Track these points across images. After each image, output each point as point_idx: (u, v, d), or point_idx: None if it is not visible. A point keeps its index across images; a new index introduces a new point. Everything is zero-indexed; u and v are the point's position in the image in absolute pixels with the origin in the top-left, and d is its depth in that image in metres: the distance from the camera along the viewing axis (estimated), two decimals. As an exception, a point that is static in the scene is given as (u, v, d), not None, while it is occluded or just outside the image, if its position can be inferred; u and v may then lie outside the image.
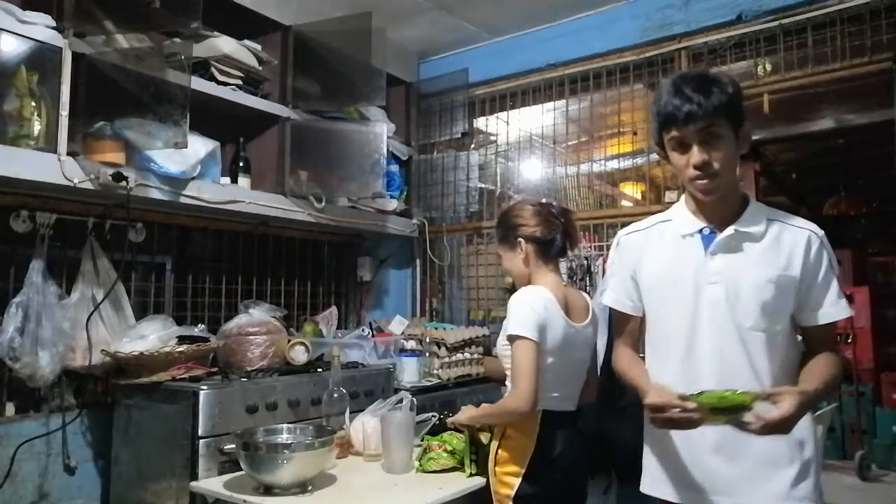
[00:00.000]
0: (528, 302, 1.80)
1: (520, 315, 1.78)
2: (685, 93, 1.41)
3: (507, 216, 2.02)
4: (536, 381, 1.74)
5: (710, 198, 1.47)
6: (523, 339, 1.75)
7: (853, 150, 6.04)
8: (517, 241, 1.94)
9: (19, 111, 1.98)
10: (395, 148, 3.44)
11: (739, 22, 2.80)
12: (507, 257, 2.00)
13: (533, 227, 1.93)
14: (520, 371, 1.75)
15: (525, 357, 1.75)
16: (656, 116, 1.49)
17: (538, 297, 1.82)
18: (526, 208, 1.97)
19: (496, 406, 1.89)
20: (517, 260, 1.95)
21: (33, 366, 2.07)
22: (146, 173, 2.22)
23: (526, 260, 1.94)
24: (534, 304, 1.79)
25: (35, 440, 2.18)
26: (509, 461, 1.81)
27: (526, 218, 1.95)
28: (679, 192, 2.91)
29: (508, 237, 1.98)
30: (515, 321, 1.78)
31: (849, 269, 6.51)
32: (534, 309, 1.78)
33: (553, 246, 1.93)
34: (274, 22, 2.83)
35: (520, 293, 1.85)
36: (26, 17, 1.97)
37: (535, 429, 1.80)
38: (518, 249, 1.94)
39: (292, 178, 2.82)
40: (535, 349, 1.75)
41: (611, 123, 3.28)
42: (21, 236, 2.19)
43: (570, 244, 1.98)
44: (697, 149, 1.42)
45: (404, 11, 3.18)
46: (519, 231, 1.94)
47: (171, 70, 2.17)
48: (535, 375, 1.74)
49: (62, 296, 2.22)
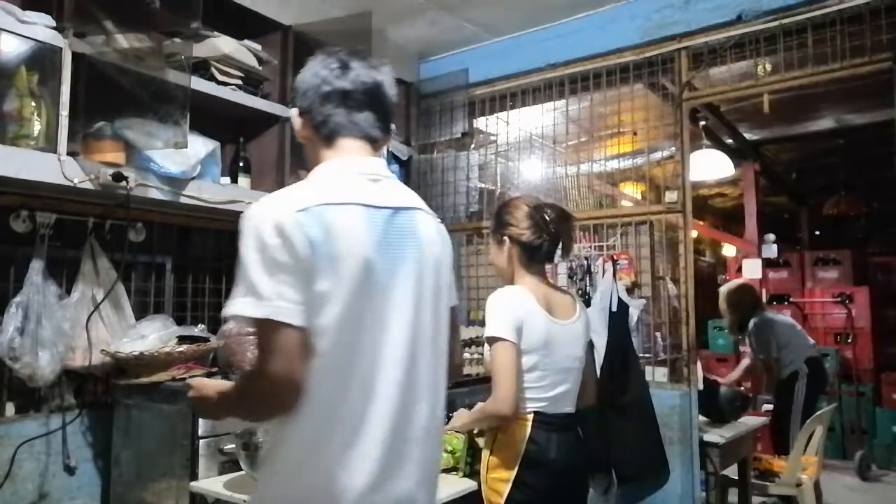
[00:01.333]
0: (503, 302, 1.78)
1: (495, 316, 1.76)
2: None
3: (501, 211, 2.00)
4: (515, 383, 1.72)
5: None
6: (499, 340, 1.74)
7: (853, 150, 6.04)
8: (503, 240, 1.93)
9: (19, 111, 1.98)
10: (395, 148, 3.44)
11: (739, 22, 2.79)
12: (494, 251, 1.99)
13: (521, 229, 1.90)
14: (497, 374, 1.73)
15: (502, 359, 1.73)
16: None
17: (513, 297, 1.80)
18: (521, 208, 1.94)
19: (480, 409, 1.87)
20: (501, 256, 1.94)
21: (33, 366, 2.07)
22: (146, 173, 2.22)
23: (509, 259, 1.92)
24: (509, 304, 1.77)
25: (35, 440, 2.18)
26: (499, 466, 1.78)
27: (517, 219, 1.92)
28: (679, 192, 2.91)
29: (497, 232, 1.97)
30: (491, 323, 1.76)
31: (849, 269, 6.52)
32: (509, 309, 1.76)
33: (539, 252, 1.90)
34: (274, 22, 2.82)
35: (495, 294, 1.83)
36: (26, 17, 1.96)
37: (525, 433, 1.76)
38: (503, 247, 1.93)
39: (292, 178, 2.81)
40: (512, 350, 1.73)
41: (611, 123, 3.28)
42: (21, 236, 2.19)
43: (562, 251, 1.95)
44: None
45: (404, 11, 3.18)
46: (507, 230, 1.92)
47: (171, 70, 2.17)
48: (512, 378, 1.72)
49: (62, 296, 2.22)
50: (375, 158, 1.33)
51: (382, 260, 1.20)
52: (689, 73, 2.95)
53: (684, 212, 2.90)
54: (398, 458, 1.18)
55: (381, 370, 1.18)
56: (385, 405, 1.18)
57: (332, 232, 1.15)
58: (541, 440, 1.76)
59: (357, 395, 1.16)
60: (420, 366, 1.24)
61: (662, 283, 3.10)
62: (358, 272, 1.16)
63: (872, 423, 5.80)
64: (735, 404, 3.30)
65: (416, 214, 1.30)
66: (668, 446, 2.67)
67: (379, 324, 1.19)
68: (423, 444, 1.23)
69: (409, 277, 1.24)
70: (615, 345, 2.63)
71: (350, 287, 1.15)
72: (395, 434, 1.18)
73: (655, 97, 3.18)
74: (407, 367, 1.21)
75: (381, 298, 1.20)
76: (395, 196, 1.28)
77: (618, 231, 3.15)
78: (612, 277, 2.81)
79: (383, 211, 1.23)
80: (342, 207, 1.18)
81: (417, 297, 1.25)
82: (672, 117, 2.99)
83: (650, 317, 3.09)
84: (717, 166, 5.08)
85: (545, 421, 1.78)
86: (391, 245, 1.23)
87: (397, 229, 1.25)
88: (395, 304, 1.22)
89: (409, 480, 1.20)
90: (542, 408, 1.79)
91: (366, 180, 1.26)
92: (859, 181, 7.12)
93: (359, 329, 1.17)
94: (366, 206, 1.21)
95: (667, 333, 3.03)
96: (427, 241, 1.29)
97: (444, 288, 1.33)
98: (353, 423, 1.15)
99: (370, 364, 1.17)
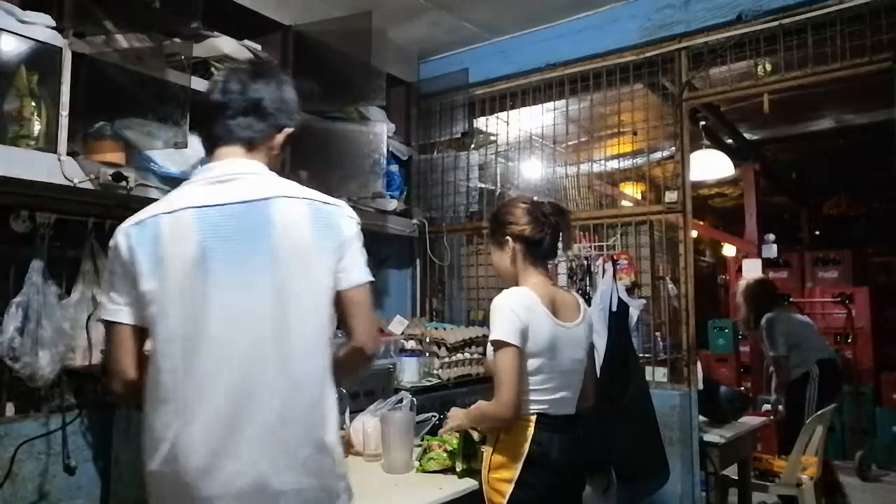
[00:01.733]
0: (508, 305, 1.77)
1: (500, 319, 1.76)
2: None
3: (498, 213, 2.01)
4: (518, 387, 1.72)
5: None
6: (504, 344, 1.73)
7: (853, 150, 6.04)
8: (505, 240, 1.93)
9: (19, 111, 1.98)
10: (395, 148, 3.44)
11: (739, 22, 2.79)
12: (496, 255, 1.99)
13: (522, 225, 1.91)
14: (500, 377, 1.73)
15: (505, 363, 1.73)
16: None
17: (520, 299, 1.79)
18: (518, 206, 1.95)
19: (481, 410, 1.86)
20: (505, 258, 1.94)
21: (33, 366, 2.06)
22: (146, 173, 2.22)
23: (513, 259, 1.92)
24: (514, 307, 1.76)
25: (35, 440, 2.18)
26: (502, 467, 1.78)
27: (517, 216, 1.93)
28: (679, 193, 2.91)
29: (497, 235, 1.97)
30: (496, 326, 1.76)
31: (849, 269, 6.52)
32: (514, 312, 1.75)
33: (541, 246, 1.91)
34: (274, 22, 2.82)
35: (501, 296, 1.82)
36: (26, 17, 1.96)
37: (528, 434, 1.77)
38: (506, 248, 1.93)
39: (292, 178, 2.81)
40: (515, 354, 1.72)
41: (611, 123, 3.29)
42: (21, 236, 2.18)
43: (562, 245, 1.96)
44: None
45: (404, 11, 3.18)
46: (508, 229, 1.93)
47: (171, 70, 2.17)
48: (515, 382, 1.71)
49: (62, 296, 2.21)
50: (238, 159, 1.43)
51: (222, 252, 1.30)
52: (689, 73, 2.95)
53: (684, 212, 2.90)
54: (234, 443, 1.25)
55: (222, 357, 1.27)
56: (219, 391, 1.26)
57: (159, 238, 1.31)
58: (543, 441, 1.77)
59: (194, 382, 1.27)
60: (271, 352, 1.29)
61: (662, 283, 3.10)
62: (188, 268, 1.29)
63: (872, 423, 5.80)
64: (735, 404, 3.30)
65: (275, 203, 1.36)
66: (668, 446, 2.67)
67: (222, 314, 1.28)
68: (279, 429, 1.27)
69: (263, 265, 1.31)
70: (615, 345, 2.63)
71: (180, 283, 1.28)
72: (232, 420, 1.26)
73: (655, 97, 3.18)
74: (256, 352, 1.28)
75: (222, 289, 1.29)
76: (246, 191, 1.36)
77: (618, 231, 3.15)
78: (612, 277, 2.81)
79: (228, 207, 1.34)
80: (173, 214, 1.33)
81: (274, 283, 1.31)
82: (672, 117, 2.99)
83: (650, 317, 3.10)
84: (717, 166, 5.08)
85: (548, 422, 1.79)
86: (235, 237, 1.32)
87: (245, 221, 1.33)
88: (242, 293, 1.29)
89: (254, 465, 1.25)
90: (545, 410, 1.80)
91: (208, 183, 1.38)
92: (859, 181, 7.13)
93: (195, 320, 1.28)
94: (197, 208, 1.33)
95: (667, 333, 3.03)
96: (284, 227, 1.34)
97: (316, 271, 1.35)
98: (190, 409, 1.26)
99: (209, 351, 1.27)
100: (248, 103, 1.44)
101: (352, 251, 1.41)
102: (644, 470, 2.47)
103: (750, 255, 6.70)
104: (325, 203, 1.42)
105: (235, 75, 1.47)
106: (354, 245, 1.42)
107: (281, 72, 1.57)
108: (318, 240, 1.36)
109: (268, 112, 1.46)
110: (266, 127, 1.46)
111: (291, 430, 1.29)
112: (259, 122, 1.45)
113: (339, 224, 1.41)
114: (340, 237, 1.40)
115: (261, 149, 1.46)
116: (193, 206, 1.33)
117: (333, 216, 1.41)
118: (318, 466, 1.32)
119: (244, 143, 1.44)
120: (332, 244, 1.38)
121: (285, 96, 1.49)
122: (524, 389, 1.77)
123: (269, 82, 1.48)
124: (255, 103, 1.45)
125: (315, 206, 1.40)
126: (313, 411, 1.33)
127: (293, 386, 1.30)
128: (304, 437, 1.31)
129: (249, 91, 1.45)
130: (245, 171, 1.41)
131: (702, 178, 5.27)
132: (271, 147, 1.49)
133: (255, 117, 1.45)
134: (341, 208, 1.44)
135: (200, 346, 1.27)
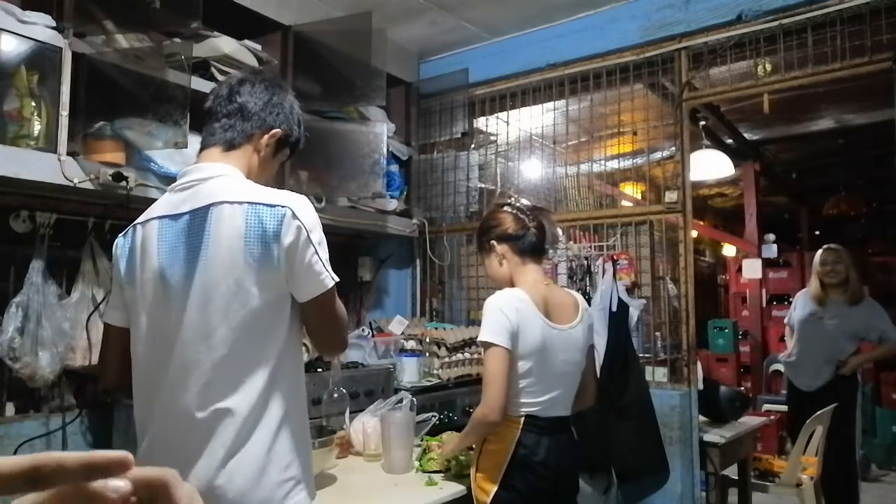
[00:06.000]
0: (498, 306, 1.77)
1: (490, 320, 1.76)
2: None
3: (482, 225, 2.04)
4: (505, 389, 1.72)
5: None
6: (492, 345, 1.73)
7: (853, 150, 6.05)
8: (492, 244, 1.95)
9: (19, 111, 1.98)
10: (395, 148, 3.44)
11: (739, 22, 2.79)
12: (487, 263, 2.00)
13: (504, 225, 1.93)
14: (487, 379, 1.73)
15: (493, 365, 1.73)
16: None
17: (510, 301, 1.79)
18: (497, 211, 2.00)
19: (470, 423, 1.85)
20: (495, 263, 1.95)
21: (33, 366, 2.06)
22: (146, 173, 2.22)
23: (502, 261, 1.93)
24: (504, 309, 1.76)
25: (35, 440, 2.18)
26: (488, 467, 1.79)
27: (498, 219, 1.96)
28: (679, 193, 2.91)
29: (483, 243, 1.99)
30: (486, 327, 1.76)
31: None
32: (504, 314, 1.75)
33: (525, 241, 1.91)
34: (274, 22, 2.82)
35: (492, 297, 1.82)
36: (26, 17, 1.96)
37: (515, 435, 1.77)
38: (494, 252, 1.94)
39: (292, 178, 2.81)
40: (504, 356, 1.72)
41: (611, 123, 3.28)
42: (21, 236, 2.18)
43: (545, 240, 1.97)
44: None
45: (404, 11, 3.18)
46: (492, 233, 1.95)
47: (171, 70, 2.17)
48: (503, 384, 1.71)
49: (62, 296, 2.21)
50: (209, 163, 1.43)
51: (174, 264, 1.34)
52: (689, 73, 2.95)
53: (684, 212, 2.90)
54: (178, 442, 1.31)
55: (168, 362, 1.34)
56: (161, 396, 1.35)
57: (134, 248, 1.41)
58: (530, 443, 1.77)
59: (150, 385, 1.37)
60: (205, 357, 1.31)
61: (662, 283, 3.10)
62: (153, 278, 1.36)
63: (872, 423, 5.80)
64: (735, 404, 3.30)
65: (215, 211, 1.33)
66: (668, 446, 2.67)
67: (177, 319, 1.33)
68: (220, 434, 1.29)
69: (201, 274, 1.32)
70: (615, 345, 2.63)
71: (148, 293, 1.37)
72: (172, 421, 1.33)
73: (655, 97, 3.18)
74: (192, 357, 1.31)
75: (176, 297, 1.33)
76: (194, 199, 1.36)
77: (618, 231, 3.15)
78: (612, 277, 2.81)
79: (180, 218, 1.36)
80: (146, 224, 1.41)
81: (203, 290, 1.31)
82: (672, 117, 2.99)
83: (650, 317, 3.10)
84: (717, 166, 5.08)
85: (536, 424, 1.79)
86: (182, 247, 1.34)
87: (190, 231, 1.34)
88: (186, 301, 1.33)
89: (201, 466, 1.28)
90: (534, 411, 1.79)
91: (178, 191, 1.40)
92: (859, 181, 7.13)
93: (159, 326, 1.35)
94: (160, 219, 1.38)
95: (667, 333, 3.03)
96: (220, 235, 1.31)
97: (247, 283, 1.29)
98: (149, 408, 1.37)
99: (162, 357, 1.35)
100: (233, 106, 1.46)
101: (298, 261, 1.29)
102: (644, 470, 2.47)
103: (750, 254, 6.71)
104: (270, 206, 1.30)
105: (227, 82, 1.50)
106: (303, 253, 1.30)
107: (276, 78, 1.60)
108: (250, 250, 1.29)
109: (251, 113, 1.46)
110: (248, 127, 1.45)
111: (226, 435, 1.31)
112: (242, 123, 1.45)
113: (278, 232, 1.29)
114: (279, 247, 1.29)
115: (243, 149, 1.45)
116: (156, 217, 1.40)
117: (274, 222, 1.29)
118: (252, 471, 1.34)
119: (223, 144, 1.44)
120: (267, 254, 1.29)
121: (275, 99, 1.49)
122: (513, 391, 1.77)
123: (257, 86, 1.49)
124: (239, 106, 1.46)
125: (256, 210, 1.30)
126: (259, 413, 1.33)
127: (225, 384, 1.31)
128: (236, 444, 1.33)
129: (235, 94, 1.46)
130: (210, 175, 1.39)
131: (702, 178, 5.27)
132: (257, 148, 1.47)
133: (238, 118, 1.45)
134: (287, 211, 1.30)
135: (163, 355, 1.36)
